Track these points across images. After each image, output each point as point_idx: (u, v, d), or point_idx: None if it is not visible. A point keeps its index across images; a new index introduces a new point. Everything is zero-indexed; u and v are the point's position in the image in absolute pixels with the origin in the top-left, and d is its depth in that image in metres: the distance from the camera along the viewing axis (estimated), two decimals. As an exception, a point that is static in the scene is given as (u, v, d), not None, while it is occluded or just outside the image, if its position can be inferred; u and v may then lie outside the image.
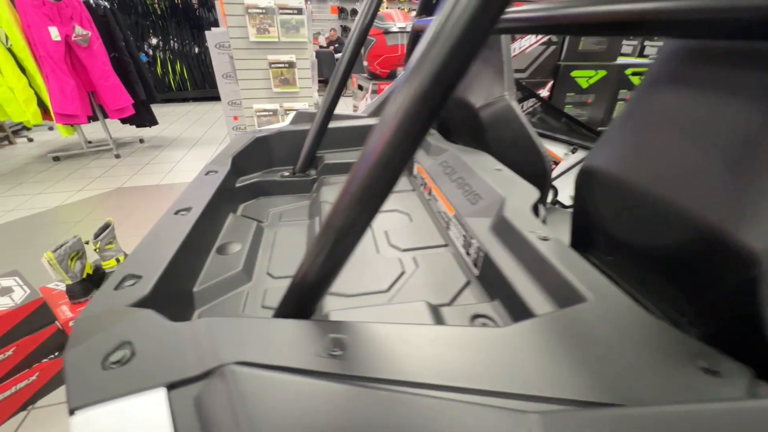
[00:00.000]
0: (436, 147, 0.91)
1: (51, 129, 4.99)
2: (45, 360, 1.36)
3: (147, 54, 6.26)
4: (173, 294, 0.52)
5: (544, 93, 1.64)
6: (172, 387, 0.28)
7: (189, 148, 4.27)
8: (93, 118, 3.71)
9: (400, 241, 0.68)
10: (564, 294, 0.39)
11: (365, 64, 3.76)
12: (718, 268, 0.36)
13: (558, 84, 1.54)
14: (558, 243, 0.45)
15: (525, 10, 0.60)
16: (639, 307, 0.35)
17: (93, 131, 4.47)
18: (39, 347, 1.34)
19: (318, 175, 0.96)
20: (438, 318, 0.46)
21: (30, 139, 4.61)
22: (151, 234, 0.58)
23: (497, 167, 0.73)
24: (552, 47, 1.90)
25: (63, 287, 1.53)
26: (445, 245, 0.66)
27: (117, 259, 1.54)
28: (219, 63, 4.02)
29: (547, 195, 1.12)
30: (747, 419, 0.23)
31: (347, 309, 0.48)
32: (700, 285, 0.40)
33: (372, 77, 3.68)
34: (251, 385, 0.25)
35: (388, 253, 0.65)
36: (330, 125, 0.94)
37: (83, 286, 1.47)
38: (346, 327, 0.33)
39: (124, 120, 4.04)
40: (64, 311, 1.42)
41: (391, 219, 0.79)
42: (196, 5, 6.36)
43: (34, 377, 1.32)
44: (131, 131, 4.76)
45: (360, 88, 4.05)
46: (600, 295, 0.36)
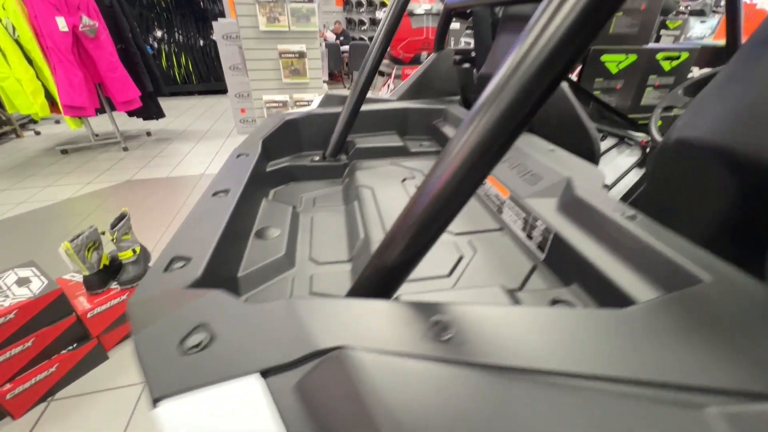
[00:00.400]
0: None
1: (57, 122, 4.97)
2: (64, 351, 1.34)
3: (152, 47, 6.20)
4: (221, 278, 0.48)
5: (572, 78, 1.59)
6: (266, 373, 0.24)
7: (196, 141, 4.23)
8: (100, 110, 3.68)
9: (450, 225, 0.64)
10: (669, 276, 0.35)
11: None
12: None
13: (587, 68, 1.48)
14: (649, 222, 0.41)
15: None
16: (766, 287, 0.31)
17: (99, 124, 4.44)
18: (57, 338, 1.31)
19: (349, 160, 0.93)
20: (516, 303, 0.42)
21: (37, 133, 4.59)
22: (192, 216, 0.54)
23: (549, 147, 0.69)
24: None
25: (79, 278, 1.51)
26: (500, 229, 0.63)
27: (133, 250, 1.52)
28: (226, 54, 3.97)
29: None
30: None
31: (416, 293, 0.44)
32: None
33: (394, 62, 3.59)
34: (372, 370, 0.22)
35: (440, 237, 0.62)
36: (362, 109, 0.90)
37: (100, 277, 1.45)
38: (447, 308, 0.29)
39: (131, 113, 4.01)
40: (81, 302, 1.40)
41: None
42: (200, -3, 6.29)
43: (53, 369, 1.30)
44: (138, 124, 4.72)
45: (381, 74, 3.97)
46: (719, 276, 0.32)
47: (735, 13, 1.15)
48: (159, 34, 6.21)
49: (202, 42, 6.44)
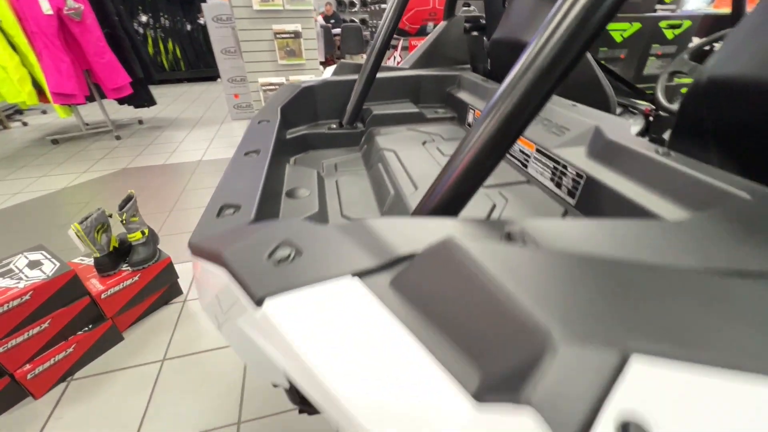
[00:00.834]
0: (493, 91, 0.87)
1: (44, 113, 4.84)
2: (80, 332, 1.35)
3: (137, 32, 6.00)
4: None
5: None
6: (359, 275, 0.26)
7: (190, 128, 4.16)
8: (90, 98, 3.59)
9: None
10: (708, 198, 0.37)
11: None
12: None
13: (592, 38, 1.48)
14: (682, 156, 0.43)
15: None
16: None
17: (89, 113, 4.34)
18: (73, 320, 1.32)
19: (366, 128, 0.93)
20: None
21: (24, 123, 4.47)
22: (230, 172, 0.55)
23: (571, 104, 0.70)
24: None
25: (89, 262, 1.50)
26: (527, 181, 0.64)
27: (142, 232, 1.51)
28: (217, 37, 3.88)
29: None
30: None
31: None
32: None
33: (400, 33, 3.53)
34: (483, 254, 0.23)
35: None
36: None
37: (111, 259, 1.45)
38: (517, 223, 0.31)
39: (121, 101, 3.91)
40: (94, 284, 1.40)
41: None
42: (185, -21, 6.07)
43: (70, 349, 1.31)
44: (129, 112, 4.62)
45: None
46: (759, 193, 0.34)
47: None
48: (144, 18, 6.01)
49: (189, 26, 6.25)
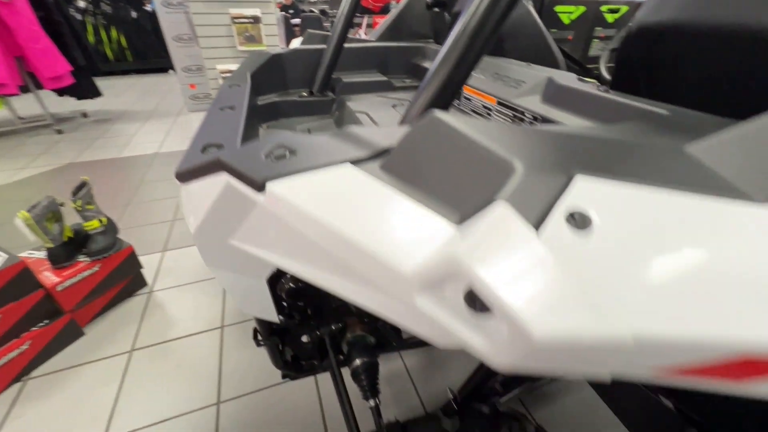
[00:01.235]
0: None
1: (-33, 107, 4.32)
2: (35, 328, 1.26)
3: (74, 19, 5.51)
4: None
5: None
6: (353, 162, 0.29)
7: (143, 121, 3.91)
8: (24, 89, 3.27)
9: None
10: (637, 117, 0.44)
11: None
12: None
13: (542, 19, 1.59)
14: (620, 93, 0.50)
15: None
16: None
17: (23, 106, 3.94)
18: (26, 315, 1.23)
19: (336, 96, 0.95)
20: None
21: (-57, 119, 3.97)
22: (208, 121, 0.55)
23: (526, 64, 0.77)
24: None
25: (39, 254, 1.40)
26: None
27: (100, 220, 1.43)
28: (169, 24, 3.67)
29: None
30: None
31: None
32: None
33: (363, 11, 3.54)
34: (464, 121, 0.27)
35: None
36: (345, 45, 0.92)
37: (66, 249, 1.36)
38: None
39: (61, 91, 3.59)
40: (48, 276, 1.31)
41: None
42: (127, -38, 5.65)
43: (25, 346, 1.22)
44: (70, 104, 4.24)
45: (351, 25, 3.99)
46: (674, 111, 0.42)
47: None
48: (82, 3, 5.52)
49: (134, 13, 5.83)
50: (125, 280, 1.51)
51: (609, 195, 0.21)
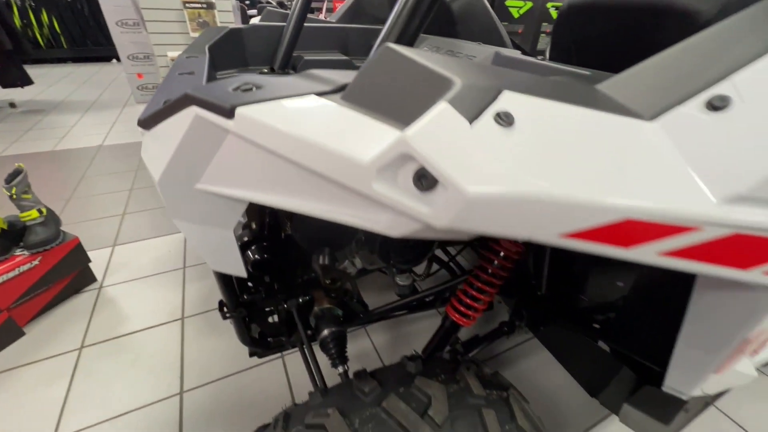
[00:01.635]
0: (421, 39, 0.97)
1: None
2: (-36, 329, 1.14)
3: (-4, -1, 4.93)
4: None
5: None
6: (318, 94, 0.31)
7: (83, 112, 3.61)
8: (-65, 72, 2.89)
9: None
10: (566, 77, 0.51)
11: None
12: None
13: (494, 12, 1.70)
14: (555, 62, 0.56)
15: None
16: None
17: (-66, 94, 3.49)
18: (-47, 314, 1.11)
19: (298, 73, 0.95)
20: None
21: None
22: (165, 85, 0.54)
23: (477, 43, 0.83)
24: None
25: (-34, 250, 1.26)
26: None
27: (39, 210, 1.32)
28: (111, 7, 3.41)
29: None
30: None
31: None
32: None
33: None
34: (415, 51, 0.30)
35: None
36: (305, 24, 0.93)
37: (0, 242, 1.24)
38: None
39: (-18, 78, 3.23)
40: (-22, 272, 1.19)
41: None
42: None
43: (-47, 349, 1.11)
44: (-6, 94, 3.82)
45: (311, 11, 4.03)
46: (596, 72, 0.49)
47: None
48: (5, -18, 4.95)
49: (70, -4, 5.33)
50: (71, 275, 1.40)
51: (529, 104, 0.26)
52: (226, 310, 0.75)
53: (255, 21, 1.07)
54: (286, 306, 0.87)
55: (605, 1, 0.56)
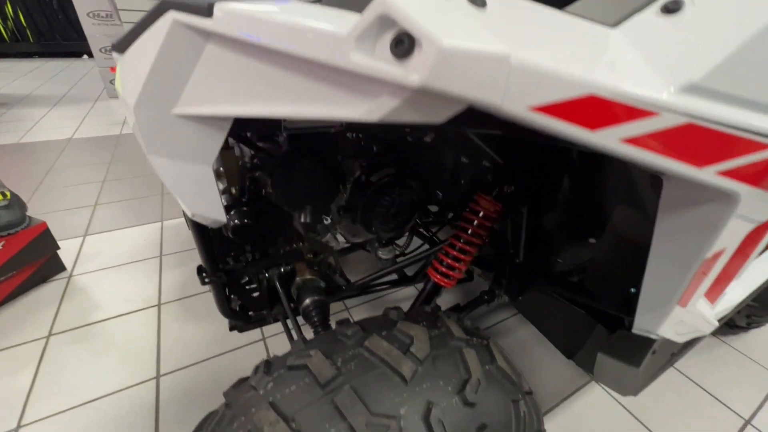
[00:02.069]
0: None
1: None
2: None
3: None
4: None
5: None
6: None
7: (50, 106, 3.45)
8: None
9: None
10: None
11: None
12: None
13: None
14: None
15: None
16: None
17: None
18: None
19: None
20: None
21: None
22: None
23: None
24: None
25: None
26: None
27: (3, 194, 1.25)
28: (82, -3, 3.29)
29: None
30: None
31: None
32: None
33: None
34: None
35: None
36: None
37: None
38: None
39: (-61, 67, 3.04)
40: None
41: None
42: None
43: None
44: (-49, 87, 3.61)
45: None
46: None
47: None
48: (-36, -29, 4.70)
49: (36, -13, 5.11)
50: (38, 261, 1.34)
51: None
52: (205, 275, 0.73)
53: None
54: (267, 275, 0.86)
55: None
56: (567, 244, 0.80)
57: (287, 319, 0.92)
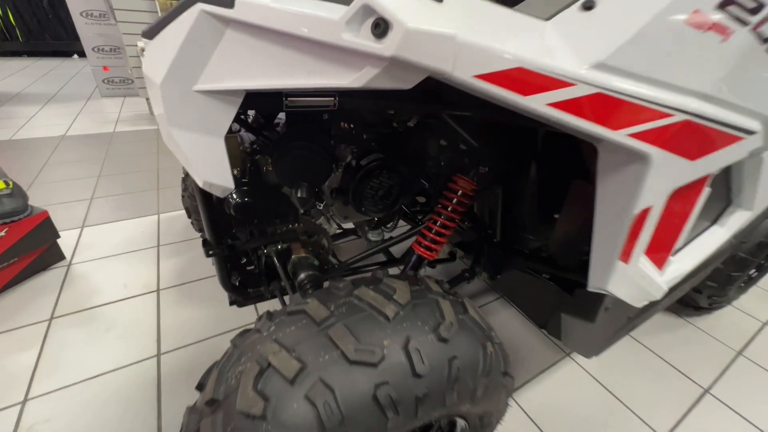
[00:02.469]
0: None
1: None
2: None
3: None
4: None
5: None
6: None
7: (42, 103, 3.46)
8: None
9: None
10: None
11: None
12: None
13: None
14: None
15: None
16: None
17: None
18: None
19: None
20: None
21: None
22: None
23: None
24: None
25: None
26: None
27: (6, 182, 1.30)
28: (75, -4, 3.31)
29: None
30: None
31: None
32: None
33: None
34: None
35: None
36: None
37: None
38: None
39: (-71, 64, 3.03)
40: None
41: None
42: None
43: None
44: (-60, 84, 3.59)
45: None
46: None
47: None
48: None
49: (26, -14, 5.09)
50: (39, 249, 1.38)
51: None
52: (209, 247, 0.80)
53: None
54: (265, 251, 0.93)
55: None
56: (536, 221, 0.89)
57: (285, 296, 0.99)
